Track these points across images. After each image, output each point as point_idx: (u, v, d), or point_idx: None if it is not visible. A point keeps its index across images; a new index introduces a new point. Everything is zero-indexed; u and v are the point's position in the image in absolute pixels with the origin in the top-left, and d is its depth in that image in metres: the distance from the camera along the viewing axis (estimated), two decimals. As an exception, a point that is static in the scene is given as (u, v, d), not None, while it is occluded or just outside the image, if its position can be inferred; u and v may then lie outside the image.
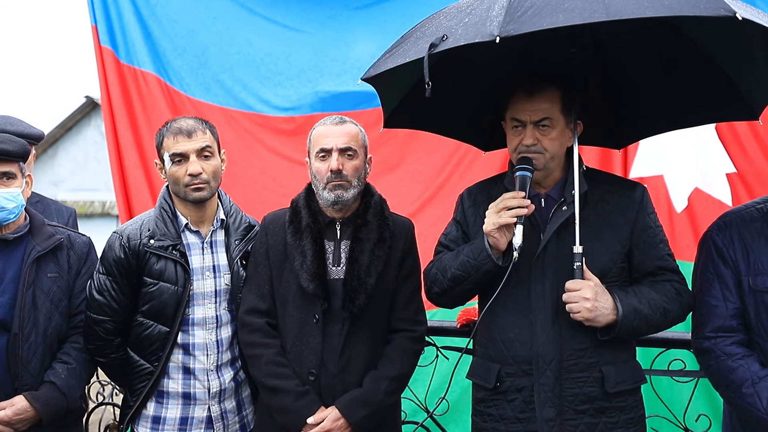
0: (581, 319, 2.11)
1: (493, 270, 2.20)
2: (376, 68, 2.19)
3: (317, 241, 2.39)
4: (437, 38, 1.90)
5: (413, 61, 1.97)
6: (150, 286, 2.45)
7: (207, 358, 2.49)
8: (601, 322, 2.12)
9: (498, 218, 2.15)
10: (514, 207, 2.14)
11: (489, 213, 2.19)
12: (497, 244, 2.17)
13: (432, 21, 2.15)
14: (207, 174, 2.45)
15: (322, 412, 2.32)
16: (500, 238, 2.16)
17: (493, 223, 2.16)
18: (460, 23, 1.94)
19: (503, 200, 2.17)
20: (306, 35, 4.49)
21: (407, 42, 2.15)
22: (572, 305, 2.12)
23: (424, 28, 2.13)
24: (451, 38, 1.88)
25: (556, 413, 2.16)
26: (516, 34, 1.75)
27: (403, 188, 4.18)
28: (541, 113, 2.20)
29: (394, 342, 2.46)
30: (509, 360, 2.24)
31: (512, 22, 1.77)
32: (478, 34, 1.81)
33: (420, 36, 2.08)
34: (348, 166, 2.39)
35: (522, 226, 2.14)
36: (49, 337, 2.50)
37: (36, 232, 2.54)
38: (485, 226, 2.19)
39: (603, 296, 2.12)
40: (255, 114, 4.53)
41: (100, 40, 4.54)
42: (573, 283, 2.13)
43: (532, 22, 1.76)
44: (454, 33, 1.90)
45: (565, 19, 1.73)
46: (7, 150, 2.40)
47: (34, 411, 2.41)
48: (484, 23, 1.83)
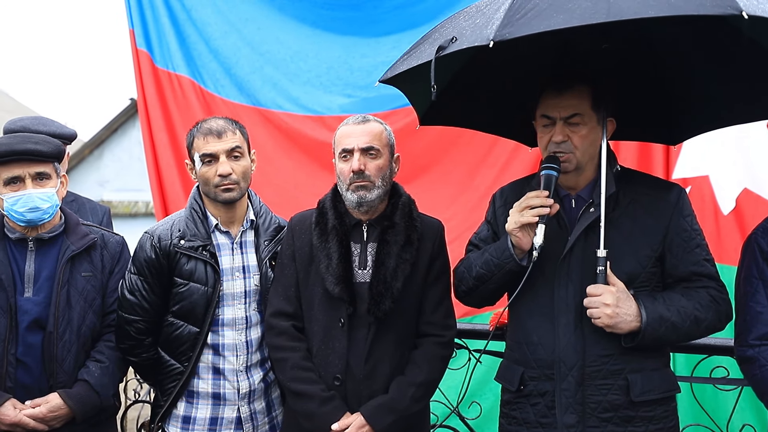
0: (601, 325, 2.06)
1: (516, 270, 2.16)
2: (392, 70, 2.18)
3: (343, 244, 2.35)
4: (446, 40, 1.89)
5: (426, 62, 1.93)
6: (180, 287, 2.46)
7: (236, 359, 2.49)
8: (623, 329, 2.06)
9: (520, 217, 2.12)
10: (536, 206, 2.10)
11: (512, 212, 2.17)
12: (520, 243, 2.14)
13: (451, 21, 2.13)
14: (237, 174, 2.45)
15: (347, 418, 2.29)
16: (523, 238, 2.13)
17: (515, 222, 2.13)
18: (471, 25, 1.92)
19: (526, 199, 2.14)
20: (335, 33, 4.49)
21: (425, 43, 2.13)
22: (593, 311, 2.07)
23: (443, 29, 2.11)
24: (459, 41, 1.86)
25: (577, 420, 2.11)
26: (511, 37, 1.71)
27: (436, 189, 4.14)
28: (570, 109, 2.15)
29: (422, 347, 2.41)
30: (532, 364, 2.20)
31: (509, 26, 1.74)
32: (478, 37, 1.79)
33: (437, 37, 2.05)
34: (371, 165, 2.35)
35: (544, 226, 2.10)
36: (83, 335, 2.52)
37: (70, 232, 2.57)
38: (507, 225, 2.16)
39: (626, 302, 2.06)
40: (285, 113, 4.54)
41: (137, 44, 4.64)
42: (594, 288, 2.08)
43: (531, 24, 1.72)
44: (462, 35, 1.88)
45: (564, 21, 1.69)
46: (41, 151, 2.43)
47: (68, 409, 2.44)
48: (486, 26, 1.81)
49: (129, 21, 4.64)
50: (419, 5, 4.23)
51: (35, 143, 2.44)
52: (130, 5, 4.64)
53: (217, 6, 4.62)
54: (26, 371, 2.44)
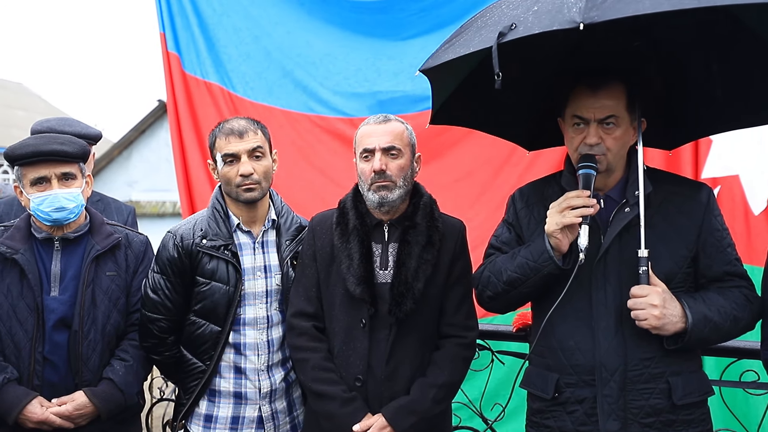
0: (648, 327, 2.01)
1: (555, 272, 2.11)
2: (435, 59, 2.10)
3: (364, 244, 2.34)
4: (505, 27, 1.79)
5: (475, 51, 1.87)
6: (202, 286, 2.47)
7: (258, 358, 2.50)
8: (669, 330, 2.01)
9: (561, 218, 2.06)
10: (578, 206, 2.05)
11: (551, 213, 2.10)
12: (560, 245, 2.08)
13: (494, 10, 2.05)
14: (258, 174, 2.46)
15: (368, 419, 2.28)
16: (563, 239, 2.08)
17: (556, 223, 2.07)
18: (528, 11, 1.83)
19: (567, 199, 2.07)
20: (363, 35, 4.49)
21: (468, 31, 2.05)
22: (638, 312, 2.01)
23: (486, 17, 2.03)
24: (521, 27, 1.77)
25: (620, 426, 2.05)
26: (600, 20, 1.63)
27: (460, 189, 4.12)
28: (606, 111, 2.09)
29: (444, 348, 2.39)
30: (569, 369, 2.14)
31: (595, 8, 1.66)
32: (555, 21, 1.69)
33: (482, 25, 1.98)
34: (392, 165, 2.33)
35: (588, 226, 2.05)
36: (107, 334, 2.55)
37: (95, 231, 2.60)
38: (547, 227, 2.10)
39: (671, 303, 2.01)
40: (315, 115, 4.57)
41: (167, 47, 4.69)
42: (639, 289, 2.02)
43: (617, 8, 1.64)
44: (524, 21, 1.79)
45: (653, 6, 1.61)
46: (66, 151, 2.46)
47: (93, 407, 2.46)
48: (561, 10, 1.72)
49: (160, 24, 4.70)
50: (445, 7, 4.22)
51: (61, 144, 2.47)
52: (161, 9, 4.69)
53: (247, 11, 4.66)
54: (53, 369, 2.47)
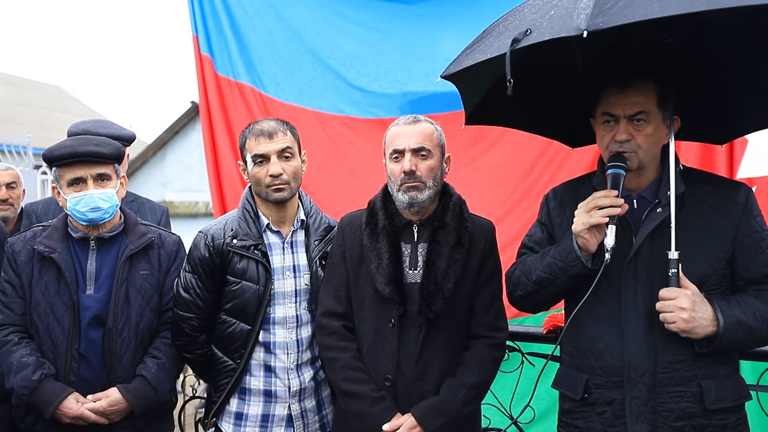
0: (676, 330, 1.98)
1: (582, 273, 2.09)
2: (456, 65, 2.12)
3: (394, 244, 2.34)
4: (520, 33, 1.81)
5: (494, 57, 1.89)
6: (233, 285, 2.49)
7: (287, 357, 2.52)
8: (699, 333, 1.97)
9: (588, 218, 2.04)
10: (606, 206, 2.03)
11: (578, 212, 2.09)
12: (587, 245, 2.07)
13: (516, 14, 2.06)
14: (287, 174, 2.47)
15: (397, 419, 2.28)
16: (590, 239, 2.06)
17: (582, 223, 2.05)
18: (545, 16, 1.84)
19: (594, 199, 2.06)
20: (394, 36, 4.50)
21: (489, 37, 2.07)
22: (667, 315, 1.98)
23: (507, 22, 2.04)
24: (535, 32, 1.79)
25: (649, 429, 2.03)
26: (605, 27, 1.63)
27: (491, 190, 4.10)
28: (636, 107, 2.07)
29: (473, 349, 2.38)
30: (598, 370, 2.12)
31: (601, 15, 1.66)
32: (564, 27, 1.71)
33: (503, 30, 2.00)
34: (422, 166, 2.33)
35: (615, 226, 2.02)
36: (140, 332, 2.59)
37: (129, 231, 2.65)
38: (574, 227, 2.08)
39: (701, 306, 1.97)
40: (345, 116, 4.59)
41: (200, 49, 4.75)
42: (667, 291, 1.99)
43: (624, 13, 1.64)
44: (538, 27, 1.80)
45: (661, 10, 1.60)
46: (102, 153, 2.51)
47: (126, 403, 2.50)
48: (571, 16, 1.73)
49: (193, 27, 4.76)
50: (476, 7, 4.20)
51: (96, 145, 2.52)
52: (194, 12, 4.75)
53: (279, 13, 4.70)
54: (88, 366, 2.52)
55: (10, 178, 4.20)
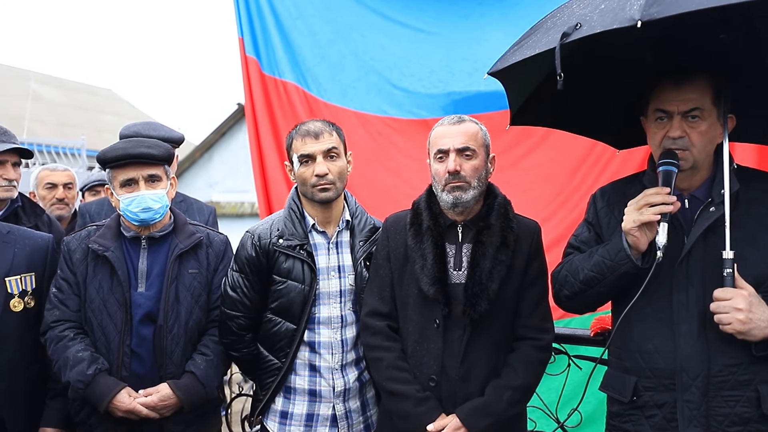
0: (732, 332, 1.92)
1: (632, 271, 2.06)
2: (503, 61, 2.10)
3: (438, 244, 2.34)
4: (570, 27, 1.79)
5: (543, 52, 1.86)
6: (279, 284, 2.52)
7: (332, 357, 2.53)
8: (757, 336, 1.92)
9: (639, 215, 2.00)
10: (657, 203, 1.99)
11: (629, 210, 2.05)
12: (637, 243, 2.03)
13: (565, 10, 2.03)
14: (333, 175, 2.49)
15: (442, 419, 2.27)
16: (641, 237, 2.02)
17: (633, 221, 2.02)
18: (595, 10, 1.81)
19: (645, 196, 2.02)
20: (438, 36, 4.48)
21: (537, 32, 2.05)
22: (722, 316, 1.93)
23: (556, 18, 2.02)
24: (585, 26, 1.76)
25: None
26: (660, 17, 1.59)
27: (536, 190, 4.05)
28: (690, 103, 2.03)
29: (519, 350, 2.36)
30: (647, 373, 2.08)
31: (656, 4, 1.62)
32: (616, 19, 1.67)
33: (551, 26, 1.97)
34: (466, 166, 2.32)
35: (666, 224, 1.98)
36: (190, 329, 2.63)
37: (179, 231, 2.70)
38: (624, 224, 2.05)
39: (759, 307, 1.92)
40: (388, 117, 4.58)
41: (245, 51, 4.81)
42: (723, 292, 1.94)
43: (679, 3, 1.60)
44: (588, 21, 1.77)
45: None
46: (153, 154, 2.57)
47: (176, 399, 2.55)
48: (623, 8, 1.69)
49: (239, 29, 4.82)
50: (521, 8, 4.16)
51: (147, 147, 2.57)
52: (240, 14, 4.82)
53: (323, 15, 4.74)
54: (139, 362, 2.58)
55: (67, 178, 4.34)
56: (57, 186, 4.26)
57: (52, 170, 4.35)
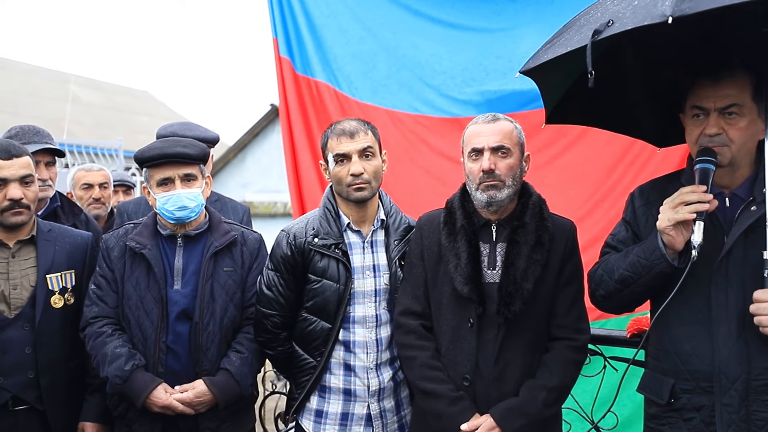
0: None
1: (667, 271, 2.02)
2: (535, 60, 2.09)
3: (472, 243, 2.32)
4: (602, 24, 1.77)
5: (576, 50, 1.85)
6: (314, 283, 2.53)
7: (367, 356, 2.53)
8: None
9: (674, 214, 1.97)
10: (693, 202, 1.95)
11: (664, 209, 2.02)
12: (672, 242, 2.00)
13: (598, 7, 2.01)
14: (368, 174, 2.49)
15: (476, 419, 2.26)
16: (676, 237, 1.99)
17: (668, 219, 1.99)
18: (628, 6, 1.79)
19: (680, 194, 1.99)
20: (471, 34, 4.44)
21: (570, 30, 2.03)
22: (762, 318, 1.89)
23: (589, 15, 2.00)
24: (617, 23, 1.74)
25: None
26: (692, 12, 1.57)
27: (571, 190, 4.00)
28: (727, 99, 1.99)
29: (554, 351, 2.34)
30: (685, 375, 2.05)
31: (687, 0, 1.60)
32: (648, 15, 1.65)
33: (584, 23, 1.96)
34: (501, 165, 2.30)
35: (702, 223, 1.94)
36: (224, 326, 2.66)
37: (214, 229, 2.73)
38: (659, 223, 2.02)
39: None
40: (419, 115, 4.57)
41: (279, 52, 4.84)
42: (762, 293, 1.90)
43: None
44: (621, 17, 1.76)
45: None
46: (189, 154, 2.60)
47: (211, 395, 2.57)
48: (655, 3, 1.67)
49: (273, 30, 4.86)
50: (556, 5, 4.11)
51: (183, 147, 2.61)
52: (274, 15, 4.85)
53: (354, 13, 4.74)
54: (175, 358, 2.61)
55: (103, 178, 4.43)
56: (93, 186, 4.35)
57: (88, 170, 4.44)
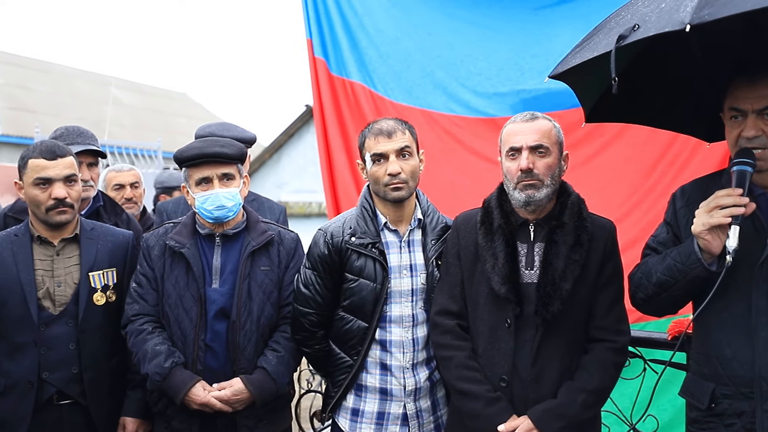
0: None
1: (704, 276, 1.98)
2: (564, 64, 2.09)
3: (509, 243, 2.30)
4: (627, 29, 1.76)
5: (607, 53, 1.82)
6: (351, 282, 2.53)
7: (403, 356, 2.53)
8: None
9: (709, 218, 1.94)
10: (728, 205, 1.91)
11: (699, 212, 1.98)
12: (709, 247, 1.96)
13: (629, 8, 1.99)
14: (405, 174, 2.49)
15: (513, 420, 2.24)
16: (712, 241, 1.95)
17: (703, 224, 1.95)
18: (655, 10, 1.77)
19: (716, 198, 1.95)
20: (506, 33, 4.41)
21: (599, 33, 2.02)
22: None
23: (619, 17, 1.98)
24: (642, 28, 1.73)
25: None
26: (711, 19, 1.54)
27: (610, 190, 3.93)
28: (765, 100, 1.94)
29: (593, 352, 2.30)
30: (725, 380, 2.01)
31: (708, 6, 1.57)
32: (669, 21, 1.63)
33: (613, 26, 1.94)
34: (539, 164, 2.27)
35: (738, 227, 1.90)
36: (261, 325, 2.68)
37: (251, 228, 2.75)
38: (694, 227, 1.98)
39: None
40: (455, 116, 4.55)
41: (314, 53, 4.87)
42: None
43: (734, 3, 1.54)
44: (646, 21, 1.74)
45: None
46: (227, 153, 2.63)
47: (248, 393, 2.60)
48: (678, 8, 1.65)
49: (307, 31, 4.88)
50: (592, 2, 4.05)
51: (222, 146, 2.64)
52: (308, 16, 4.87)
53: (389, 13, 4.73)
54: (213, 356, 2.64)
55: (134, 178, 4.51)
56: (124, 186, 4.43)
57: (119, 171, 4.52)
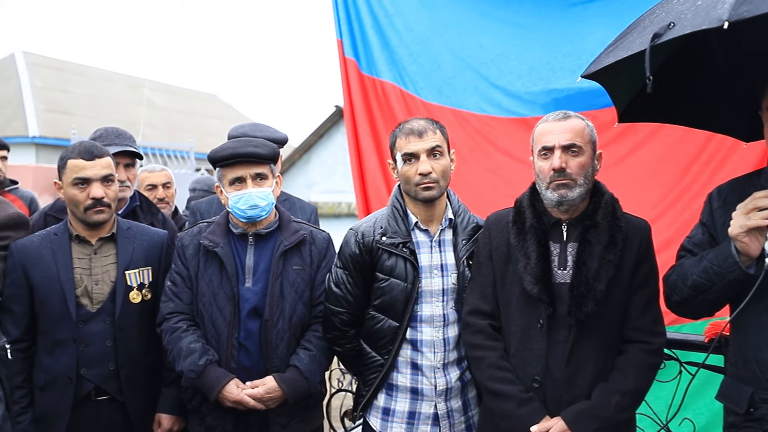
0: None
1: (741, 279, 1.95)
2: (597, 64, 2.07)
3: (542, 243, 2.28)
4: (662, 27, 1.73)
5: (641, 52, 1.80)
6: (381, 282, 2.54)
7: (434, 356, 2.53)
8: None
9: (746, 220, 1.90)
10: (766, 207, 1.87)
11: (736, 214, 1.95)
12: (746, 249, 1.92)
13: (664, 6, 1.96)
14: (436, 173, 2.49)
15: (546, 421, 2.22)
16: (750, 243, 1.91)
17: (740, 226, 1.92)
18: (691, 7, 1.73)
19: (753, 199, 1.92)
20: (538, 32, 4.37)
21: (633, 32, 1.99)
22: None
23: (654, 15, 1.95)
24: (678, 26, 1.70)
25: None
26: (750, 16, 1.51)
27: (643, 190, 3.87)
28: None
29: (628, 354, 2.27)
30: (764, 384, 1.98)
31: (747, 2, 1.54)
32: (706, 19, 1.61)
33: (647, 25, 1.91)
34: (572, 163, 2.25)
35: None
36: (293, 324, 2.70)
37: (284, 228, 2.77)
38: (731, 230, 1.95)
39: None
40: (485, 116, 4.52)
41: (344, 53, 4.88)
42: None
43: None
44: (682, 19, 1.71)
45: None
46: (260, 153, 2.66)
47: (281, 391, 2.62)
48: (715, 6, 1.62)
49: (337, 32, 4.89)
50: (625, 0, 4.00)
51: (255, 146, 2.66)
52: (339, 17, 4.88)
53: (419, 12, 4.72)
54: (247, 354, 2.66)
55: (165, 178, 4.57)
56: (157, 186, 4.50)
57: (151, 172, 4.59)
